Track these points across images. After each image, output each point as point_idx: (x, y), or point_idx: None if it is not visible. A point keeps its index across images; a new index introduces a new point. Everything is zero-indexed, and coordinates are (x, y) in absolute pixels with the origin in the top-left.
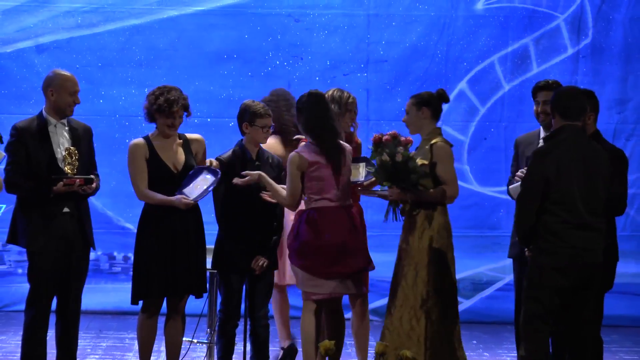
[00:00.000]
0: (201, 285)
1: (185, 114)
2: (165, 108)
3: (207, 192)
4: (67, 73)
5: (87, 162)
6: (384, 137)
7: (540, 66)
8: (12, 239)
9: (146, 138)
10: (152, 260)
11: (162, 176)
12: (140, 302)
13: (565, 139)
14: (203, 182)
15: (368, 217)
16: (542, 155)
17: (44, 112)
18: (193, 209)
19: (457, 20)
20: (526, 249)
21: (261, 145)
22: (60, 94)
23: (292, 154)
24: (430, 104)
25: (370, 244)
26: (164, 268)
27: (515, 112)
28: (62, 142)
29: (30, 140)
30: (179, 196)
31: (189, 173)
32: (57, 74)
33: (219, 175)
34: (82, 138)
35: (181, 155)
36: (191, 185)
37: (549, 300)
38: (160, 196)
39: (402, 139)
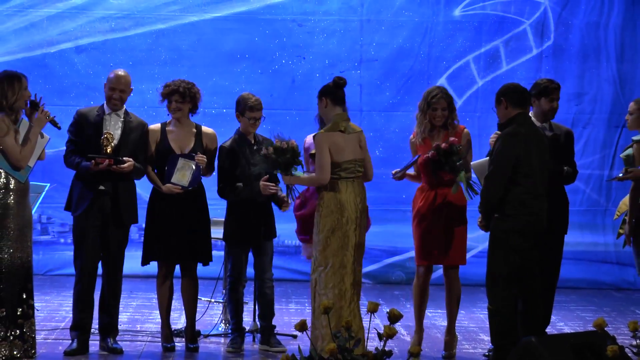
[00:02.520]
0: (206, 254)
1: (187, 101)
2: (161, 94)
3: (196, 178)
4: (112, 73)
5: (134, 150)
6: (430, 154)
7: (509, 64)
8: (68, 207)
9: (163, 123)
10: (157, 229)
11: (166, 154)
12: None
13: (524, 123)
14: (187, 168)
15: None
16: (512, 136)
17: (104, 103)
18: (198, 189)
19: (437, 25)
20: (481, 219)
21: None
22: (105, 89)
23: None
24: (328, 93)
25: None
26: (167, 236)
27: (488, 104)
28: (114, 130)
29: (86, 125)
30: (169, 185)
31: (168, 162)
32: (110, 73)
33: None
34: (133, 130)
35: (190, 142)
36: (175, 173)
37: (512, 261)
38: (154, 177)
39: (443, 145)
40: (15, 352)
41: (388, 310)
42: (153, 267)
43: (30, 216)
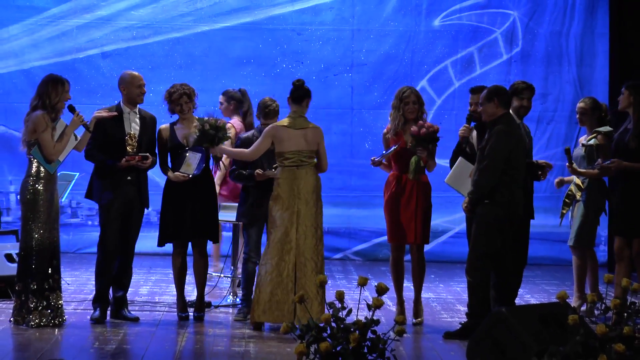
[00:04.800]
0: (214, 234)
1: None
2: (168, 99)
3: (200, 166)
4: (133, 72)
5: (149, 142)
6: (422, 131)
7: (482, 68)
8: (89, 195)
9: (171, 123)
10: (171, 213)
11: (177, 149)
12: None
13: (511, 122)
14: (193, 159)
15: (352, 182)
16: (506, 133)
17: (121, 103)
18: (206, 177)
19: (419, 33)
20: (467, 203)
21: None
22: (130, 88)
23: None
24: (290, 94)
25: (353, 201)
26: (180, 219)
27: (463, 103)
28: (133, 126)
29: (108, 123)
30: (176, 173)
31: (178, 155)
32: (125, 74)
33: (203, 152)
34: (148, 125)
35: (193, 134)
36: (184, 164)
37: (496, 242)
38: (169, 171)
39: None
40: (44, 320)
41: (376, 284)
42: (169, 246)
43: (58, 202)
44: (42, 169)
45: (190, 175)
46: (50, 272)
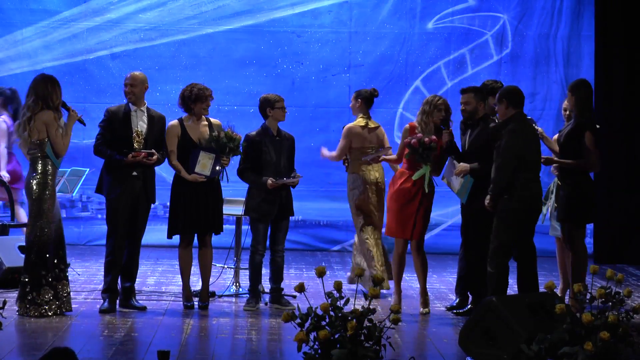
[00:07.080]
0: (219, 226)
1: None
2: (202, 95)
3: (215, 168)
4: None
5: (157, 140)
6: (412, 141)
7: (474, 69)
8: (99, 190)
9: (180, 120)
10: (179, 207)
11: (188, 146)
12: (178, 238)
13: (523, 121)
14: (207, 160)
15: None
16: (516, 132)
17: (129, 101)
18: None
19: (413, 35)
20: (489, 200)
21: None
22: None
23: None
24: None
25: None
26: (188, 213)
27: (456, 102)
28: (140, 124)
29: (115, 120)
30: (193, 175)
31: (192, 155)
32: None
33: (217, 152)
34: (156, 123)
35: (205, 133)
36: (198, 164)
37: (514, 235)
38: (178, 166)
39: (426, 139)
40: (52, 308)
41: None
42: (176, 238)
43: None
44: (48, 166)
45: (206, 177)
46: (56, 262)
